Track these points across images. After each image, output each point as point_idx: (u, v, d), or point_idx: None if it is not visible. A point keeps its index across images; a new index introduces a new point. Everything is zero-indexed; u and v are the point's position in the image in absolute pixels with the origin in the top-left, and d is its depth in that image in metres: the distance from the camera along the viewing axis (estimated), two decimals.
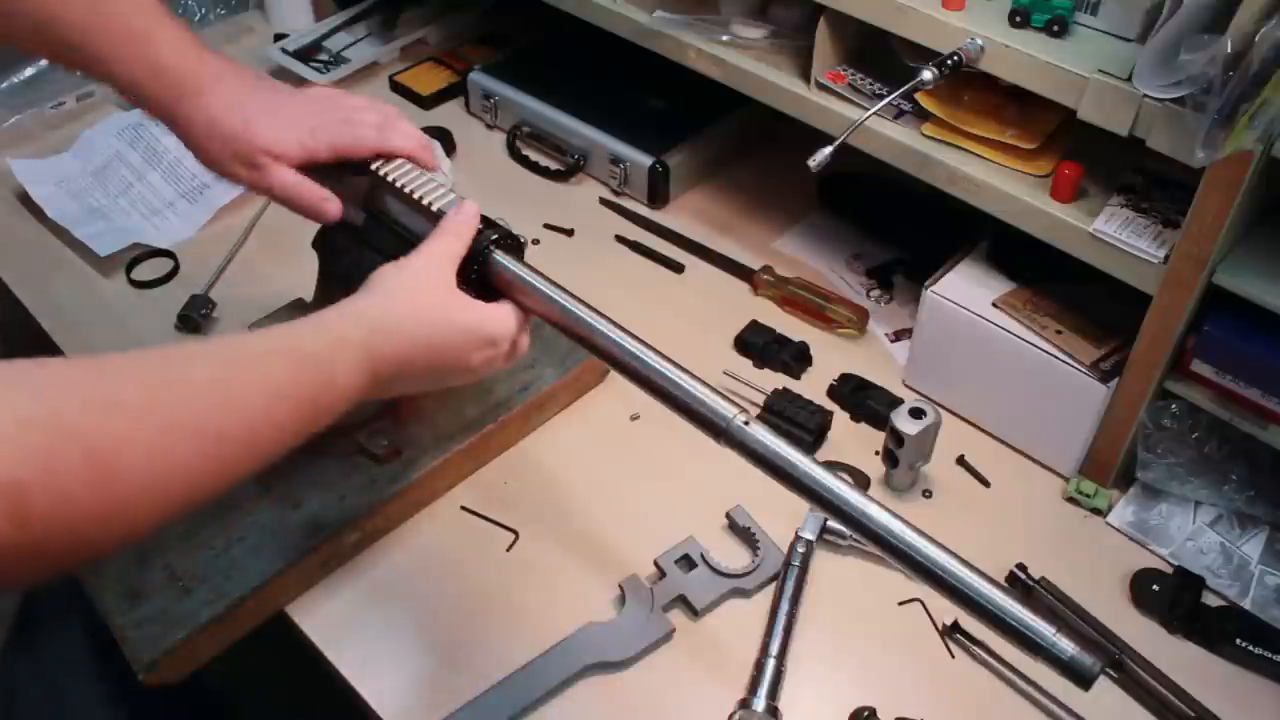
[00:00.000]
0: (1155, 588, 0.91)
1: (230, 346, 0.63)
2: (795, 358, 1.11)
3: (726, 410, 0.69)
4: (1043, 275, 1.00)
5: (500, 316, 0.76)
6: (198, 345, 0.62)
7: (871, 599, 0.92)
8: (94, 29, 0.77)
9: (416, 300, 0.72)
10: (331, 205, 0.83)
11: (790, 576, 0.90)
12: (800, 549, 0.92)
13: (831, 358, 1.12)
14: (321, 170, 0.85)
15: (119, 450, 0.51)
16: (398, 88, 1.51)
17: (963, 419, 1.06)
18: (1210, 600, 0.91)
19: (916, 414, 0.94)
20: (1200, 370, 0.87)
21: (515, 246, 0.81)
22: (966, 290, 1.01)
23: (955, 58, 0.88)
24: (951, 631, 0.89)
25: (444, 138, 1.38)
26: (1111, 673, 0.86)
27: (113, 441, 0.51)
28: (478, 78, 1.43)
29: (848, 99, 1.01)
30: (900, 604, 0.91)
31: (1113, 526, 0.97)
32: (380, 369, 0.68)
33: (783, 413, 1.04)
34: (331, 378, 0.65)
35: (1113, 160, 0.91)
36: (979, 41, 0.87)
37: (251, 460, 0.59)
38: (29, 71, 1.45)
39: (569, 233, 1.28)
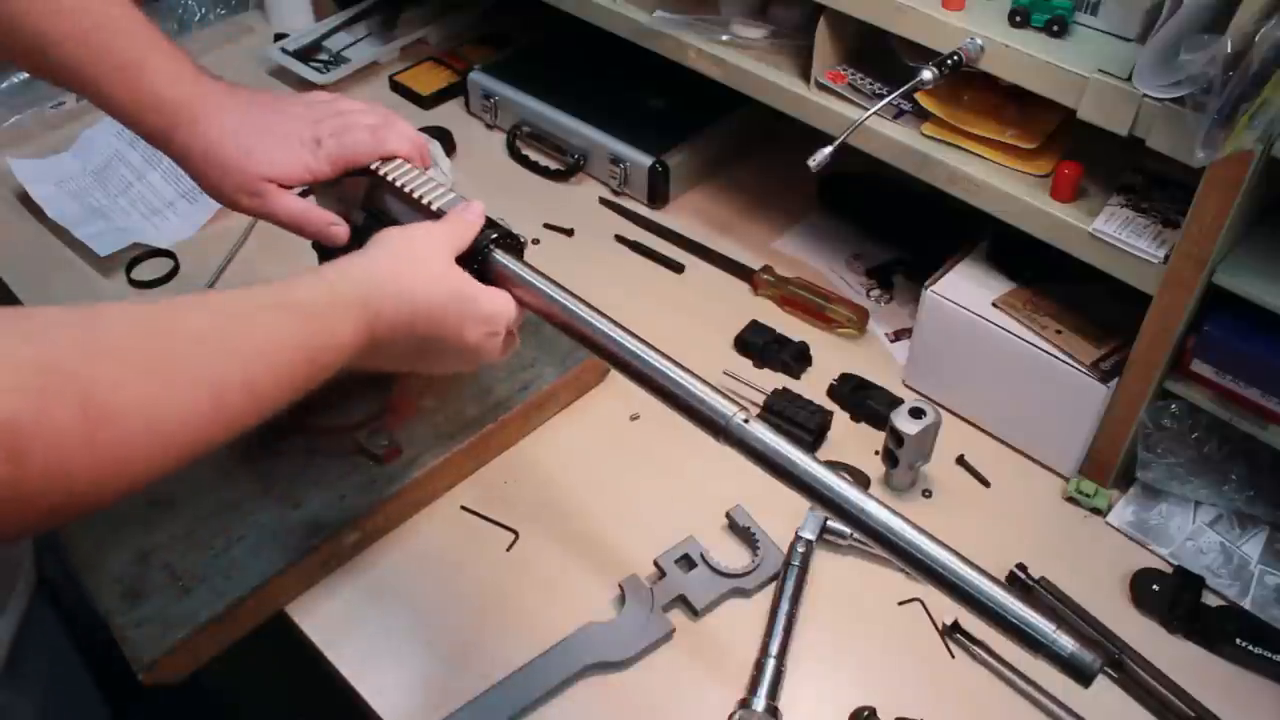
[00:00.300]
0: (1155, 588, 0.91)
1: (229, 298, 0.63)
2: (795, 358, 1.11)
3: (726, 408, 0.69)
4: (1043, 275, 1.00)
5: (496, 298, 0.76)
6: (196, 296, 0.62)
7: (871, 599, 0.92)
8: (87, 60, 0.77)
9: (418, 266, 0.72)
10: (339, 229, 0.83)
11: (790, 576, 0.90)
12: (800, 549, 0.92)
13: (831, 358, 1.12)
14: None
15: (114, 394, 0.51)
16: (398, 88, 1.51)
17: (963, 419, 1.06)
18: (1210, 600, 0.91)
19: (916, 414, 0.94)
20: (1200, 370, 0.87)
21: (515, 246, 0.81)
22: (966, 290, 1.01)
23: (955, 58, 0.88)
24: (951, 631, 0.89)
25: (444, 138, 1.38)
26: (1111, 672, 0.86)
27: (108, 385, 0.51)
28: (478, 78, 1.43)
29: (848, 99, 1.01)
30: (900, 604, 0.91)
31: (1113, 526, 0.97)
32: (378, 328, 0.68)
33: (783, 412, 1.04)
34: (330, 333, 0.65)
35: (1113, 160, 0.91)
36: (979, 41, 0.88)
37: (249, 413, 0.59)
38: None
39: (569, 233, 1.28)
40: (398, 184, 0.82)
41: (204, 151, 0.79)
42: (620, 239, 1.28)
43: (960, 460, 1.03)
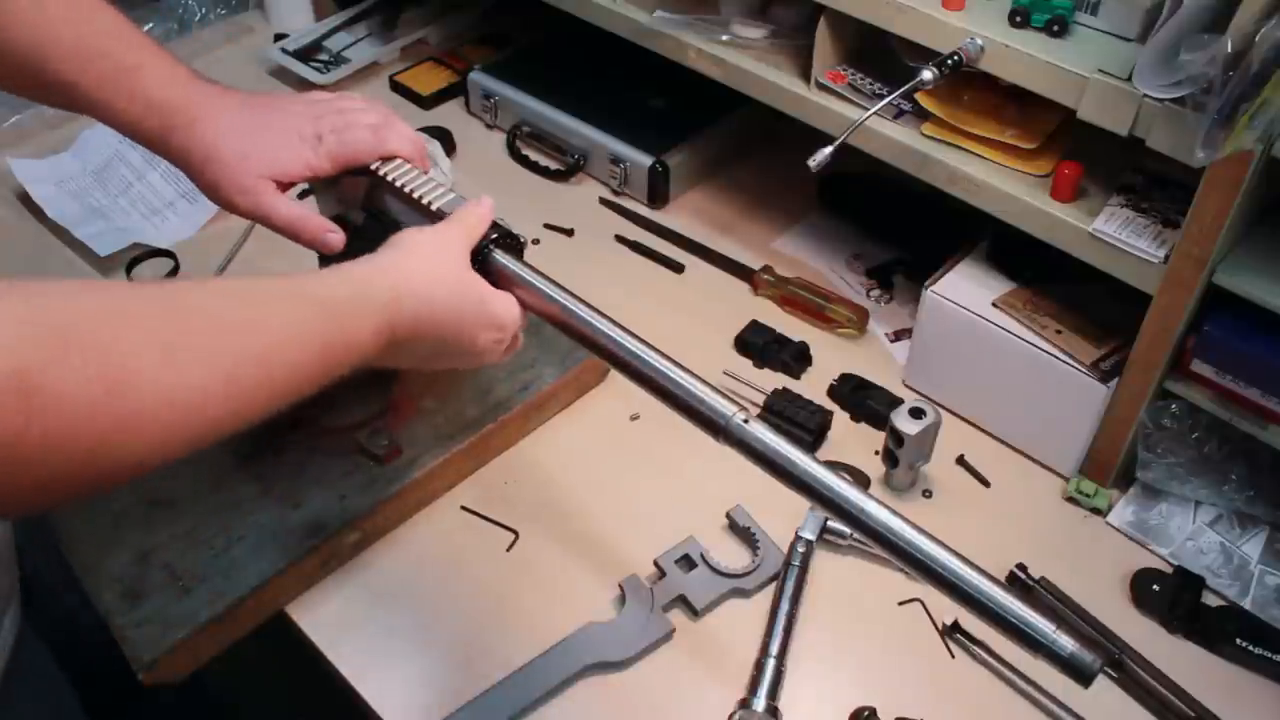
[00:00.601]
0: (1155, 588, 0.91)
1: (251, 283, 0.63)
2: (795, 358, 1.11)
3: (726, 408, 0.69)
4: (1043, 275, 1.00)
5: (507, 303, 0.76)
6: (216, 279, 0.61)
7: (871, 599, 0.92)
8: (80, 67, 0.77)
9: (438, 268, 0.72)
10: (335, 237, 0.82)
11: (790, 576, 0.90)
12: (800, 549, 0.92)
13: (831, 358, 1.12)
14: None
15: (128, 358, 0.50)
16: (398, 88, 1.51)
17: (963, 419, 1.06)
18: (1210, 600, 0.91)
19: (916, 414, 0.94)
20: (1200, 370, 0.87)
21: (515, 246, 0.81)
22: (966, 290, 1.01)
23: (955, 58, 0.88)
24: (951, 631, 0.89)
25: (444, 138, 1.38)
26: (1111, 672, 0.86)
27: (122, 348, 0.50)
28: (478, 78, 1.43)
29: (848, 99, 1.01)
30: (900, 604, 0.91)
31: (1113, 526, 0.97)
32: (397, 330, 0.68)
33: (783, 412, 1.04)
34: (350, 329, 0.65)
35: (1113, 160, 0.91)
36: (979, 41, 0.88)
37: (263, 399, 0.58)
38: None
39: (569, 233, 1.28)
40: (398, 184, 0.82)
41: (203, 153, 0.78)
42: (620, 239, 1.28)
43: (960, 460, 1.03)
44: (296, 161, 0.80)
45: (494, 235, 0.79)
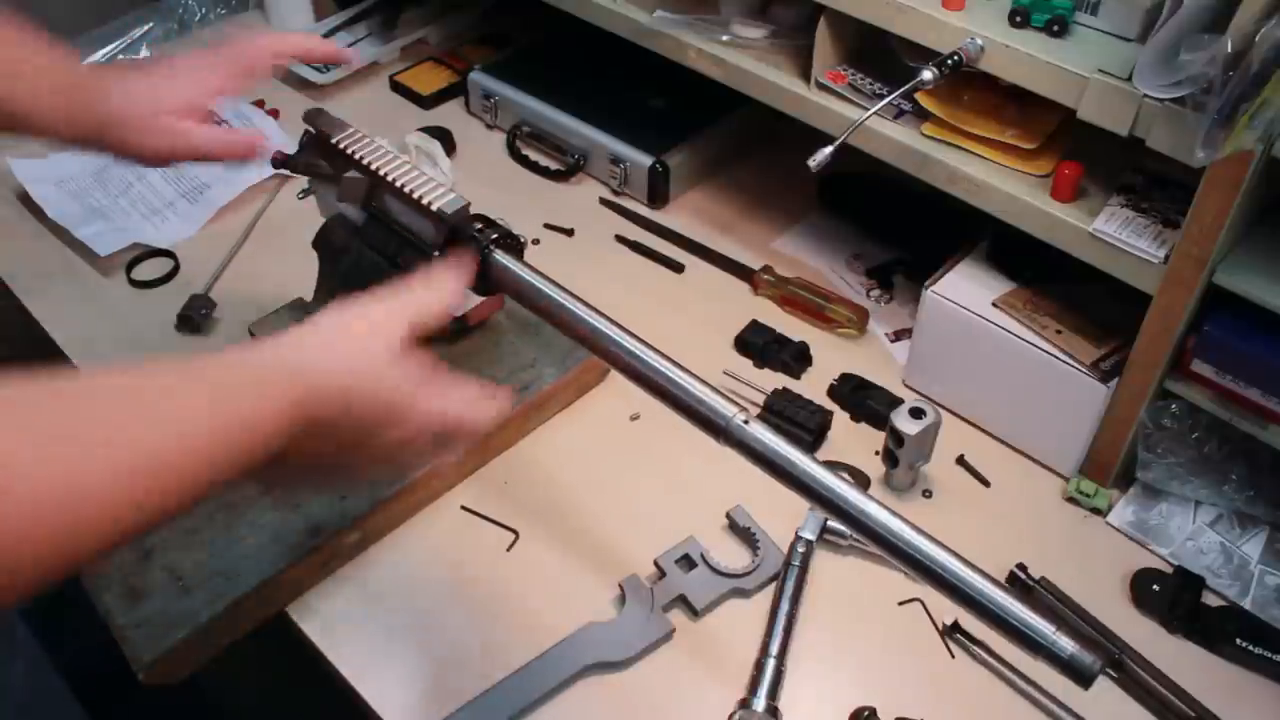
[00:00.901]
0: (1155, 588, 0.91)
1: (143, 368, 0.56)
2: (795, 358, 1.11)
3: (726, 409, 0.69)
4: (1043, 275, 1.00)
5: (425, 400, 0.66)
6: (97, 368, 0.56)
7: (871, 599, 0.92)
8: (11, 83, 0.80)
9: (354, 356, 0.64)
10: (266, 145, 0.86)
11: (790, 576, 0.90)
12: (800, 549, 0.92)
13: (831, 358, 1.12)
14: (320, 169, 0.85)
15: (9, 451, 0.46)
16: (398, 87, 1.51)
17: (963, 419, 1.06)
18: (1210, 600, 0.91)
19: (916, 414, 0.94)
20: (1200, 370, 0.87)
21: (515, 247, 0.81)
22: (966, 290, 1.01)
23: (955, 58, 0.88)
24: (951, 631, 0.89)
25: (444, 138, 1.38)
26: (1111, 673, 0.86)
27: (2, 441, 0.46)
28: (478, 78, 1.43)
29: (848, 99, 1.01)
30: (900, 604, 0.91)
31: (1113, 526, 0.97)
32: (309, 407, 0.61)
33: (783, 412, 1.04)
34: (242, 411, 0.57)
35: (1113, 160, 0.91)
36: (979, 41, 0.88)
37: (167, 493, 0.52)
38: None
39: (569, 233, 1.28)
40: (398, 184, 0.82)
41: (119, 113, 0.82)
42: (620, 239, 1.28)
43: (960, 460, 1.03)
44: (201, 88, 0.84)
45: (494, 235, 0.79)
